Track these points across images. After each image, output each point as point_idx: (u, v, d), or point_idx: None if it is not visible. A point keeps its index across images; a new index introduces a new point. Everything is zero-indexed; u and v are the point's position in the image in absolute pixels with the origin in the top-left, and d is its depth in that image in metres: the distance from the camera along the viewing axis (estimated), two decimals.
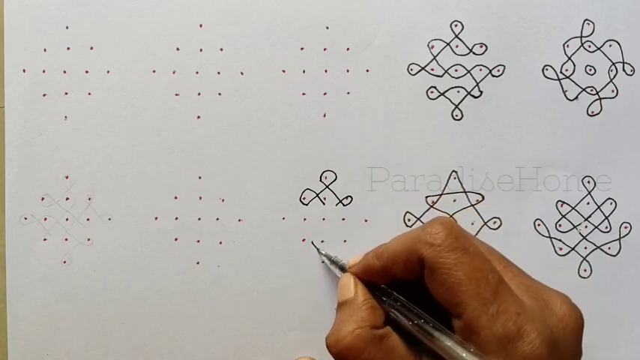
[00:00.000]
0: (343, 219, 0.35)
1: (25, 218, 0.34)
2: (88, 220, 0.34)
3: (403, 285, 0.28)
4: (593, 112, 0.36)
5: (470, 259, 0.24)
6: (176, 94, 0.34)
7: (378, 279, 0.29)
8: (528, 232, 0.36)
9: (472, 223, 0.36)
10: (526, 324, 0.23)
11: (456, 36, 0.35)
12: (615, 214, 0.36)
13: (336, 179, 0.35)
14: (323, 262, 0.35)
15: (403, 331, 0.26)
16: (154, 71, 0.34)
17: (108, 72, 0.34)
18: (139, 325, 0.34)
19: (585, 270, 0.36)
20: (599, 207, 0.36)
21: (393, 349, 0.25)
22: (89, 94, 0.34)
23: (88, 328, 0.34)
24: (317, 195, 0.35)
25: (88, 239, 0.34)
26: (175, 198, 0.35)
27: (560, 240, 0.36)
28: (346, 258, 0.35)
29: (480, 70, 0.35)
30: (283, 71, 0.35)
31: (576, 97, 0.36)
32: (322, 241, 0.35)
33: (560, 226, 0.36)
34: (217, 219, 0.35)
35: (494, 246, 0.28)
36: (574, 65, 0.36)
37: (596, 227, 0.36)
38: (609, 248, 0.36)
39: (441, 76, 0.35)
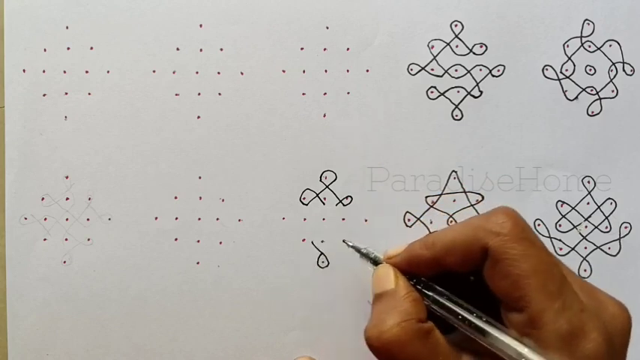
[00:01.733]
0: (343, 219, 0.35)
1: (25, 218, 0.34)
2: (88, 220, 0.34)
3: (440, 283, 0.27)
4: (593, 112, 0.36)
5: (537, 252, 0.24)
6: (176, 94, 0.34)
7: (423, 271, 0.27)
8: None
9: None
10: (589, 321, 0.22)
11: (456, 36, 0.35)
12: (615, 214, 0.36)
13: (336, 179, 0.35)
14: (324, 266, 0.34)
15: (443, 326, 0.25)
16: (153, 71, 0.34)
17: (108, 72, 0.34)
18: (139, 325, 0.34)
19: (585, 270, 0.36)
20: (599, 207, 0.36)
21: (437, 344, 0.24)
22: (89, 94, 0.34)
23: (88, 328, 0.34)
24: (317, 195, 0.35)
25: (88, 239, 0.34)
26: (175, 198, 0.35)
27: (560, 240, 0.36)
28: (347, 259, 0.35)
29: (480, 70, 0.35)
30: (283, 71, 0.35)
31: (576, 97, 0.36)
32: (322, 241, 0.35)
33: (560, 226, 0.36)
34: (217, 219, 0.35)
35: None
36: (574, 65, 0.36)
37: (596, 227, 0.36)
38: (609, 248, 0.36)
39: (441, 76, 0.35)
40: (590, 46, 0.36)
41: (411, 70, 0.35)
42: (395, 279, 0.27)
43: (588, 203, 0.36)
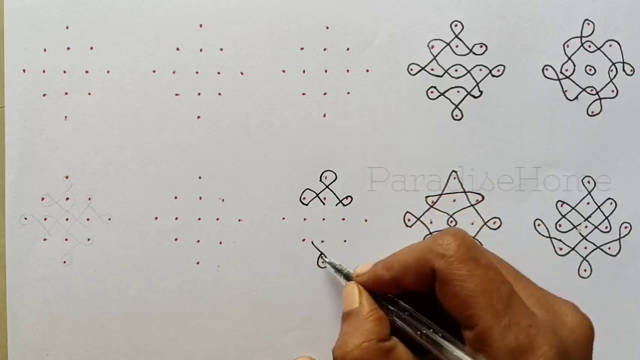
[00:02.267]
0: (343, 219, 0.35)
1: (25, 218, 0.34)
2: (88, 220, 0.34)
3: (410, 296, 0.28)
4: (593, 112, 0.36)
5: (482, 271, 0.24)
6: (176, 94, 0.34)
7: (387, 290, 0.28)
8: (528, 232, 0.36)
9: (472, 223, 0.36)
10: (538, 336, 0.23)
11: (456, 36, 0.35)
12: (615, 214, 0.36)
13: (336, 179, 0.35)
14: (324, 267, 0.35)
15: (409, 341, 0.26)
16: (153, 71, 0.34)
17: (108, 72, 0.34)
18: (139, 325, 0.34)
19: (585, 270, 0.36)
20: (599, 207, 0.36)
21: None
22: (89, 94, 0.34)
23: (88, 328, 0.34)
24: (317, 195, 0.35)
25: (88, 239, 0.34)
26: (175, 198, 0.35)
27: (560, 240, 0.36)
28: (346, 259, 0.35)
29: (480, 70, 0.35)
30: (283, 71, 0.35)
31: (576, 97, 0.36)
32: (322, 241, 0.35)
33: (560, 226, 0.36)
34: (217, 219, 0.35)
35: (495, 246, 0.28)
36: (574, 65, 0.36)
37: (596, 227, 0.36)
38: (609, 248, 0.36)
39: (441, 76, 0.35)
40: (590, 46, 0.36)
41: (411, 70, 0.35)
42: (359, 297, 0.28)
43: (588, 203, 0.36)
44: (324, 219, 0.35)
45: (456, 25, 0.35)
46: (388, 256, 0.29)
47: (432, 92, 0.35)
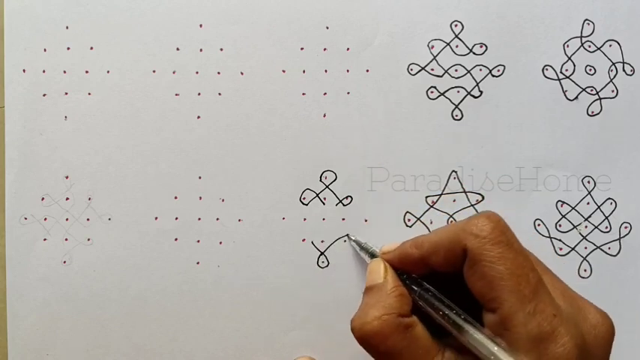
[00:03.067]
0: (343, 219, 0.35)
1: (25, 218, 0.34)
2: (88, 220, 0.34)
3: (433, 280, 0.28)
4: (593, 112, 0.36)
5: (514, 255, 0.24)
6: (176, 94, 0.34)
7: (413, 269, 0.28)
8: (528, 232, 0.36)
9: None
10: (560, 326, 0.23)
11: (456, 36, 0.35)
12: (615, 214, 0.36)
13: (336, 179, 0.35)
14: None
15: (428, 322, 0.26)
16: (153, 71, 0.34)
17: (108, 72, 0.34)
18: (139, 325, 0.34)
19: (585, 270, 0.36)
20: (599, 207, 0.36)
21: (417, 338, 0.25)
22: (89, 94, 0.34)
23: (88, 328, 0.34)
24: (317, 195, 0.35)
25: (88, 239, 0.34)
26: (175, 198, 0.35)
27: (560, 240, 0.36)
28: (347, 259, 0.35)
29: (480, 70, 0.35)
30: (283, 71, 0.35)
31: (576, 97, 0.36)
32: (322, 241, 0.35)
33: (560, 226, 0.36)
34: (217, 219, 0.35)
35: None
36: (574, 65, 0.36)
37: (596, 227, 0.36)
38: (609, 248, 0.36)
39: (441, 76, 0.35)
40: (590, 46, 0.36)
41: (411, 70, 0.35)
42: (384, 273, 0.28)
43: (588, 203, 0.36)
44: (324, 219, 0.35)
45: (456, 25, 0.35)
46: (418, 236, 0.29)
47: (432, 92, 0.35)
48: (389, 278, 0.28)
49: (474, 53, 0.35)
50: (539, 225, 0.36)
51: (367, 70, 0.35)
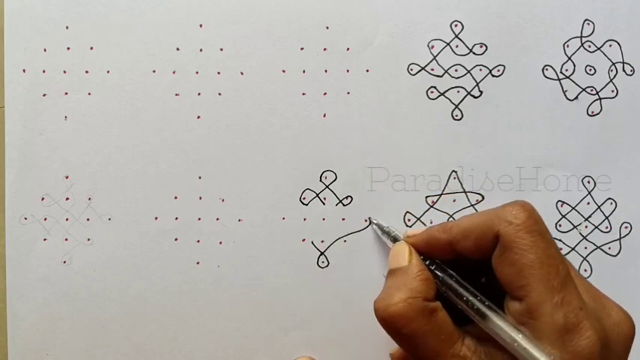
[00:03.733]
0: (343, 219, 0.35)
1: (25, 218, 0.34)
2: (88, 220, 0.34)
3: (454, 268, 0.28)
4: (593, 112, 0.36)
5: (545, 245, 0.24)
6: (176, 94, 0.34)
7: (438, 253, 0.28)
8: None
9: None
10: (585, 319, 0.23)
11: (456, 36, 0.35)
12: (615, 214, 0.36)
13: (336, 179, 0.35)
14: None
15: (448, 309, 0.26)
16: (153, 71, 0.34)
17: (108, 72, 0.34)
18: (139, 325, 0.34)
19: (585, 270, 0.36)
20: (599, 207, 0.36)
21: (441, 323, 0.25)
22: (89, 94, 0.34)
23: (88, 328, 0.34)
24: (317, 195, 0.35)
25: (88, 239, 0.34)
26: (175, 198, 0.35)
27: (560, 240, 0.36)
28: (347, 259, 0.35)
29: (480, 70, 0.35)
30: (283, 71, 0.35)
31: (576, 97, 0.36)
32: (322, 241, 0.35)
33: (560, 226, 0.36)
34: (217, 219, 0.35)
35: None
36: (574, 65, 0.36)
37: (596, 227, 0.36)
38: (609, 248, 0.36)
39: (441, 76, 0.35)
40: (590, 46, 0.36)
41: (411, 70, 0.35)
42: (409, 256, 0.28)
43: (588, 203, 0.36)
44: (324, 219, 0.35)
45: (456, 25, 0.35)
46: (445, 222, 0.29)
47: (432, 92, 0.35)
48: (414, 262, 0.28)
49: (474, 53, 0.35)
50: None
51: (367, 70, 0.35)
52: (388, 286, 0.27)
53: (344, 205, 0.35)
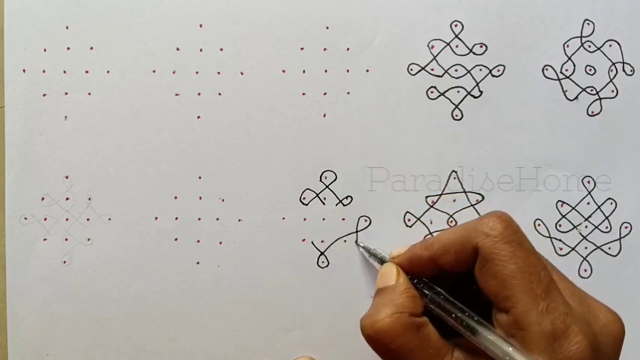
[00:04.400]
0: (343, 219, 0.35)
1: (25, 218, 0.34)
2: (88, 220, 0.34)
3: (441, 283, 0.28)
4: (593, 112, 0.36)
5: (525, 254, 0.24)
6: (176, 94, 0.34)
7: (423, 270, 0.28)
8: (528, 232, 0.35)
9: None
10: (573, 324, 0.23)
11: (456, 36, 0.35)
12: (615, 214, 0.36)
13: (336, 179, 0.35)
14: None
15: (437, 323, 0.26)
16: (153, 71, 0.34)
17: (108, 72, 0.34)
18: (139, 325, 0.34)
19: (585, 270, 0.36)
20: (599, 207, 0.36)
21: (428, 338, 0.25)
22: (89, 94, 0.34)
23: (88, 328, 0.34)
24: (317, 195, 0.35)
25: (88, 239, 0.34)
26: (175, 198, 0.34)
27: (560, 240, 0.36)
28: (347, 259, 0.35)
29: (480, 70, 0.35)
30: (283, 71, 0.35)
31: (576, 97, 0.36)
32: (322, 241, 0.35)
33: (560, 226, 0.36)
34: (217, 219, 0.35)
35: None
36: (574, 65, 0.36)
37: (596, 227, 0.36)
38: (609, 248, 0.36)
39: (441, 76, 0.35)
40: (590, 46, 0.36)
41: (411, 70, 0.35)
42: (396, 276, 0.28)
43: (588, 203, 0.36)
44: (324, 219, 0.35)
45: (456, 25, 0.35)
46: (426, 238, 0.29)
47: (432, 92, 0.35)
48: (401, 280, 0.28)
49: (474, 53, 0.35)
50: (539, 225, 0.36)
51: (367, 70, 0.35)
52: (375, 303, 0.27)
53: (344, 205, 0.35)
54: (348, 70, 0.35)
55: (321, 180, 0.35)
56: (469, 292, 0.26)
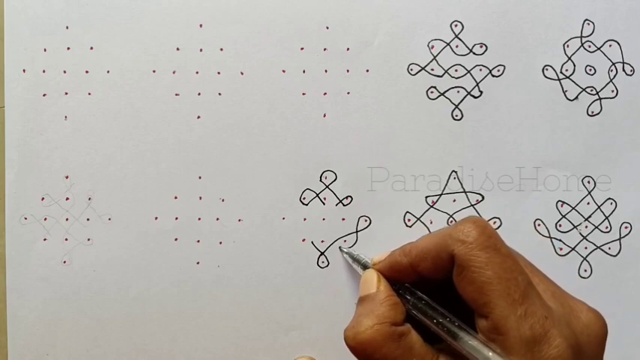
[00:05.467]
0: (343, 219, 0.35)
1: (25, 218, 0.34)
2: (88, 220, 0.34)
3: (424, 287, 0.28)
4: (593, 112, 0.36)
5: (501, 259, 0.24)
6: (176, 94, 0.34)
7: (404, 277, 0.28)
8: (528, 232, 0.36)
9: None
10: (553, 328, 0.23)
11: (456, 36, 0.35)
12: (615, 214, 0.36)
13: (336, 179, 0.35)
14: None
15: (422, 328, 0.26)
16: (153, 71, 0.34)
17: (108, 72, 0.34)
18: (139, 325, 0.34)
19: (585, 270, 0.36)
20: (599, 207, 0.36)
21: (411, 346, 0.25)
22: (89, 94, 0.34)
23: (88, 328, 0.34)
24: (317, 195, 0.35)
25: (88, 239, 0.34)
26: (175, 198, 0.35)
27: (560, 240, 0.36)
28: (346, 258, 0.35)
29: (480, 70, 0.35)
30: (283, 71, 0.35)
31: (576, 97, 0.36)
32: (322, 241, 0.35)
33: (560, 226, 0.36)
34: (217, 219, 0.35)
35: None
36: (574, 65, 0.36)
37: (596, 227, 0.36)
38: (609, 248, 0.36)
39: (441, 76, 0.35)
40: (590, 46, 0.36)
41: (411, 70, 0.35)
42: (377, 283, 0.29)
43: (588, 203, 0.36)
44: (324, 219, 0.35)
45: (456, 25, 0.35)
46: (406, 243, 0.29)
47: (432, 92, 0.35)
48: (382, 288, 0.28)
49: (474, 53, 0.35)
50: (539, 225, 0.36)
51: (367, 70, 0.35)
52: (357, 314, 0.28)
53: (344, 205, 0.35)
54: (348, 70, 0.35)
55: (321, 180, 0.35)
56: (454, 298, 0.26)
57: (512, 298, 0.23)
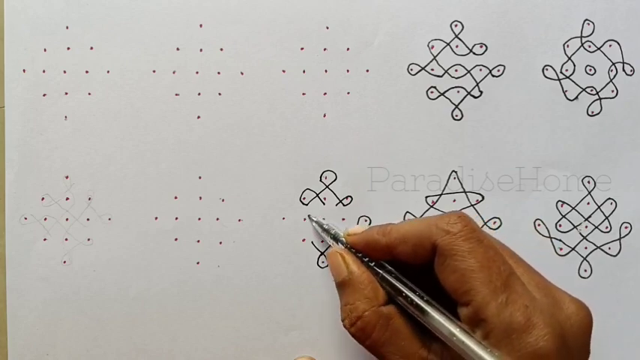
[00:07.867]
0: (343, 219, 0.35)
1: (25, 218, 0.34)
2: (88, 220, 0.34)
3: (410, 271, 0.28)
4: (593, 112, 0.36)
5: (484, 249, 0.25)
6: (176, 94, 0.34)
7: (377, 255, 0.29)
8: (528, 232, 0.36)
9: None
10: (534, 316, 0.23)
11: (456, 36, 0.35)
12: (615, 214, 0.36)
13: (336, 179, 0.35)
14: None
15: (414, 320, 0.26)
16: (154, 71, 0.34)
17: (108, 72, 0.34)
18: (139, 325, 0.34)
19: (585, 270, 0.36)
20: (599, 207, 0.36)
21: (398, 329, 0.26)
22: (89, 94, 0.34)
23: (88, 328, 0.34)
24: (317, 195, 0.35)
25: (88, 239, 0.34)
26: (175, 198, 0.35)
27: (560, 240, 0.36)
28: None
29: (480, 70, 0.35)
30: (283, 71, 0.35)
31: (576, 97, 0.36)
32: (322, 241, 0.35)
33: (560, 226, 0.36)
34: (217, 219, 0.35)
35: None
36: (574, 65, 0.36)
37: (596, 227, 0.36)
38: (609, 248, 0.36)
39: (441, 76, 0.35)
40: (590, 46, 0.36)
41: (411, 70, 0.35)
42: (345, 265, 0.29)
43: (588, 203, 0.36)
44: (324, 219, 0.35)
45: (456, 25, 0.35)
46: (385, 223, 0.29)
47: (432, 92, 0.35)
48: (353, 269, 0.29)
49: (474, 53, 0.35)
50: (539, 225, 0.36)
51: (367, 70, 0.35)
52: (345, 301, 0.28)
53: (344, 205, 0.35)
54: (348, 70, 0.35)
55: (321, 180, 0.35)
56: (435, 291, 0.26)
57: (494, 286, 0.24)
